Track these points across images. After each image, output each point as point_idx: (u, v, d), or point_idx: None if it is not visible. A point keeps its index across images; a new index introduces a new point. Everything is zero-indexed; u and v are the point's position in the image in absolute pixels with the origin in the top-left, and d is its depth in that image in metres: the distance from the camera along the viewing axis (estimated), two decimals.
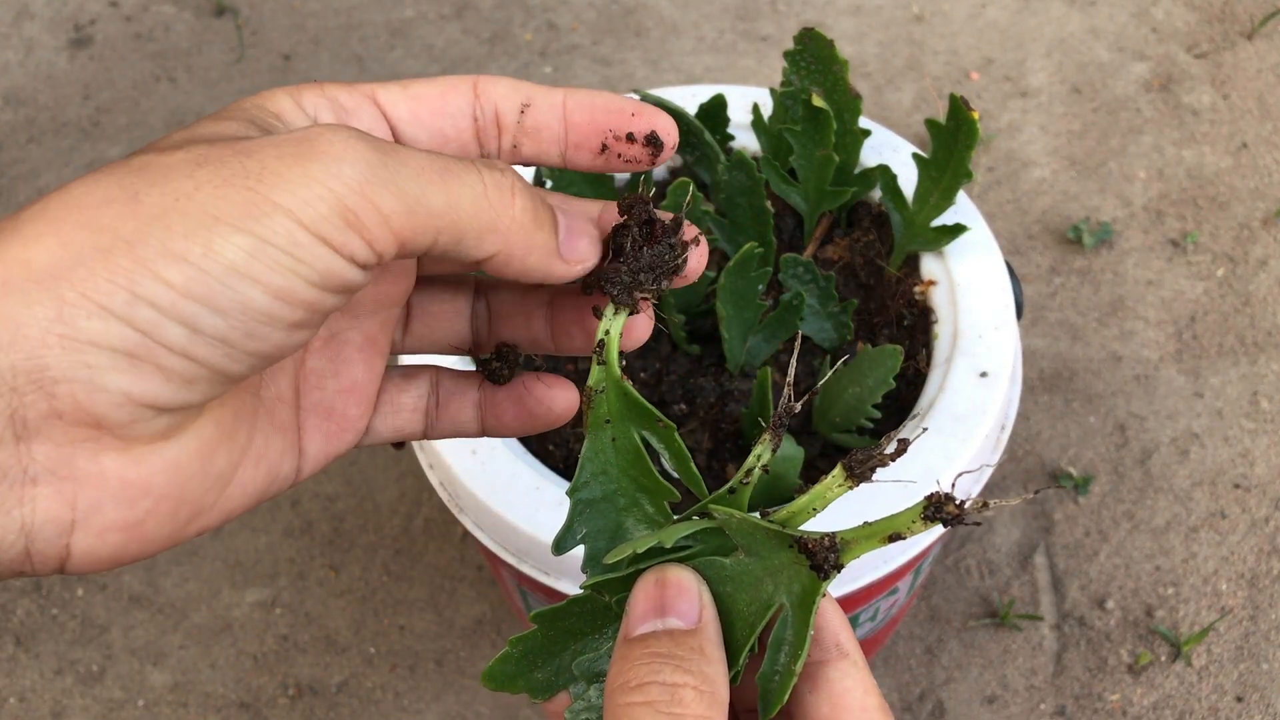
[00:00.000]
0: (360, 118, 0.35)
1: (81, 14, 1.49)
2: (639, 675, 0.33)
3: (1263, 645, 0.97)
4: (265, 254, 0.28)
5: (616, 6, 1.46)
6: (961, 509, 0.33)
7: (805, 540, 0.35)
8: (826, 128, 0.67)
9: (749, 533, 0.36)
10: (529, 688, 0.38)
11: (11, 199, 1.32)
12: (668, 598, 0.35)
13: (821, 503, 0.36)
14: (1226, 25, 1.38)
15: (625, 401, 0.38)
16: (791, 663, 0.35)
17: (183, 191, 0.28)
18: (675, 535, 0.36)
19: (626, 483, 0.39)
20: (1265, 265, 1.18)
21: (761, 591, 0.36)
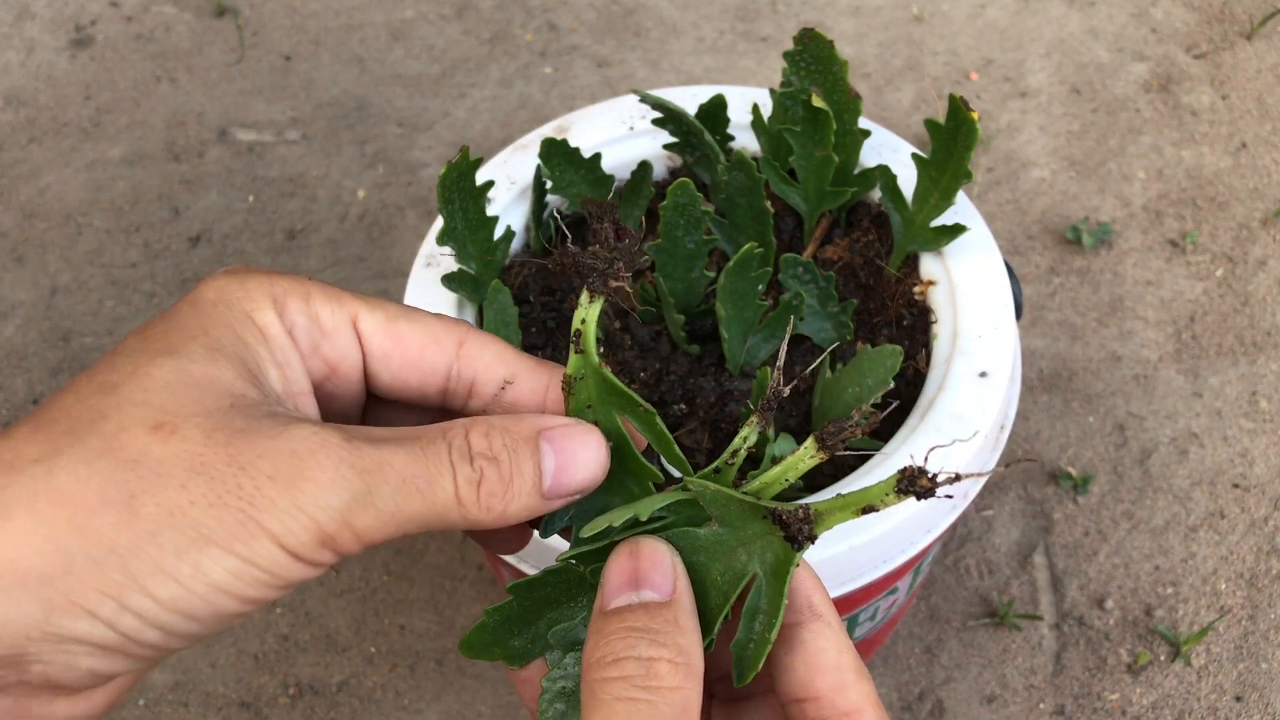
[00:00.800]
0: (336, 341, 0.37)
1: (82, 14, 1.50)
2: (614, 650, 0.34)
3: (1262, 645, 0.97)
4: (247, 574, 0.31)
5: (616, 7, 1.46)
6: (934, 482, 0.33)
7: (779, 511, 0.35)
8: (826, 128, 0.67)
9: (723, 503, 0.37)
10: (505, 655, 0.39)
11: (12, 199, 1.33)
12: (641, 570, 0.36)
13: (793, 473, 0.36)
14: (1225, 26, 1.38)
15: (605, 387, 0.38)
16: (766, 631, 0.35)
17: (178, 506, 0.30)
18: (651, 507, 0.36)
19: (615, 465, 0.39)
20: (1264, 265, 1.18)
21: (735, 561, 0.37)
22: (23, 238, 1.30)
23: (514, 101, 1.37)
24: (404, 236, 1.27)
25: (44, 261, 1.27)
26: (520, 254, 0.75)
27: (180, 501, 0.30)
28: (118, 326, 1.22)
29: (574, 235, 0.77)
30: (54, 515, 0.29)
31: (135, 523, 0.30)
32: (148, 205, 1.31)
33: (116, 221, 1.30)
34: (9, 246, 1.29)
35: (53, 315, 1.23)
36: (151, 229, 1.29)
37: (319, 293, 0.37)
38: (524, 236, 0.75)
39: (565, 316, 0.73)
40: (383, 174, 1.32)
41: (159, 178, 1.33)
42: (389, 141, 1.35)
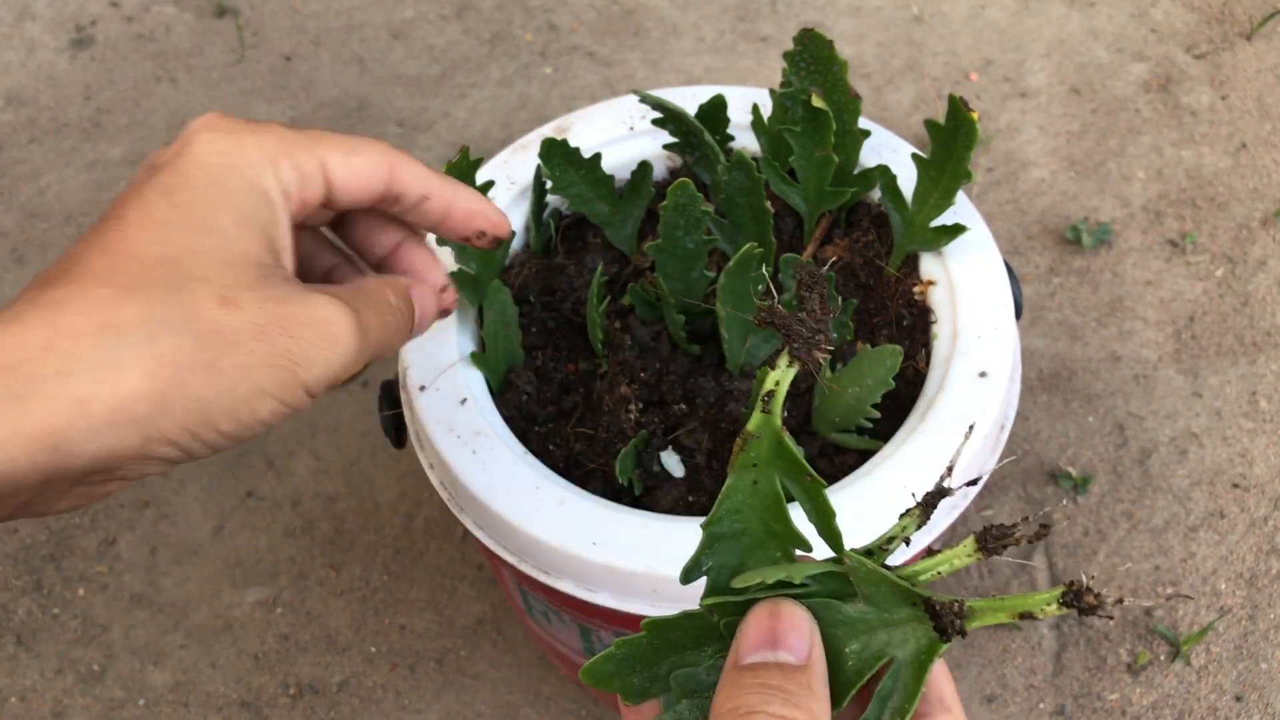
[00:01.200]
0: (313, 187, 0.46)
1: (83, 15, 1.50)
2: (749, 703, 0.35)
3: (1262, 645, 0.97)
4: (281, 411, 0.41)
5: (616, 7, 1.46)
6: (1098, 599, 0.33)
7: (933, 601, 0.36)
8: (826, 128, 0.67)
9: (874, 582, 0.37)
10: (623, 689, 0.39)
11: (13, 199, 1.33)
12: (780, 630, 0.36)
13: (948, 568, 0.37)
14: (1225, 26, 1.38)
15: (779, 450, 0.39)
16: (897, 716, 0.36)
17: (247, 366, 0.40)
18: (804, 572, 0.37)
19: (757, 525, 0.40)
20: (1264, 265, 1.18)
21: (875, 641, 0.37)
22: (23, 238, 1.30)
23: (514, 102, 1.38)
24: None
25: (45, 261, 1.27)
26: (520, 254, 0.76)
27: (249, 363, 0.40)
28: None
29: (572, 236, 0.77)
30: (159, 373, 0.38)
31: (218, 380, 0.39)
32: None
33: None
34: (9, 246, 1.29)
35: None
36: None
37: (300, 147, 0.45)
38: (524, 236, 0.75)
39: (565, 317, 0.73)
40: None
41: None
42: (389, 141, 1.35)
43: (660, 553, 0.60)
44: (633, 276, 0.75)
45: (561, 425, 0.69)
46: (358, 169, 0.47)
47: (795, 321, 0.37)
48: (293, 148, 0.45)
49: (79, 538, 1.09)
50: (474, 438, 0.64)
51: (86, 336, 0.37)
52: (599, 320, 0.67)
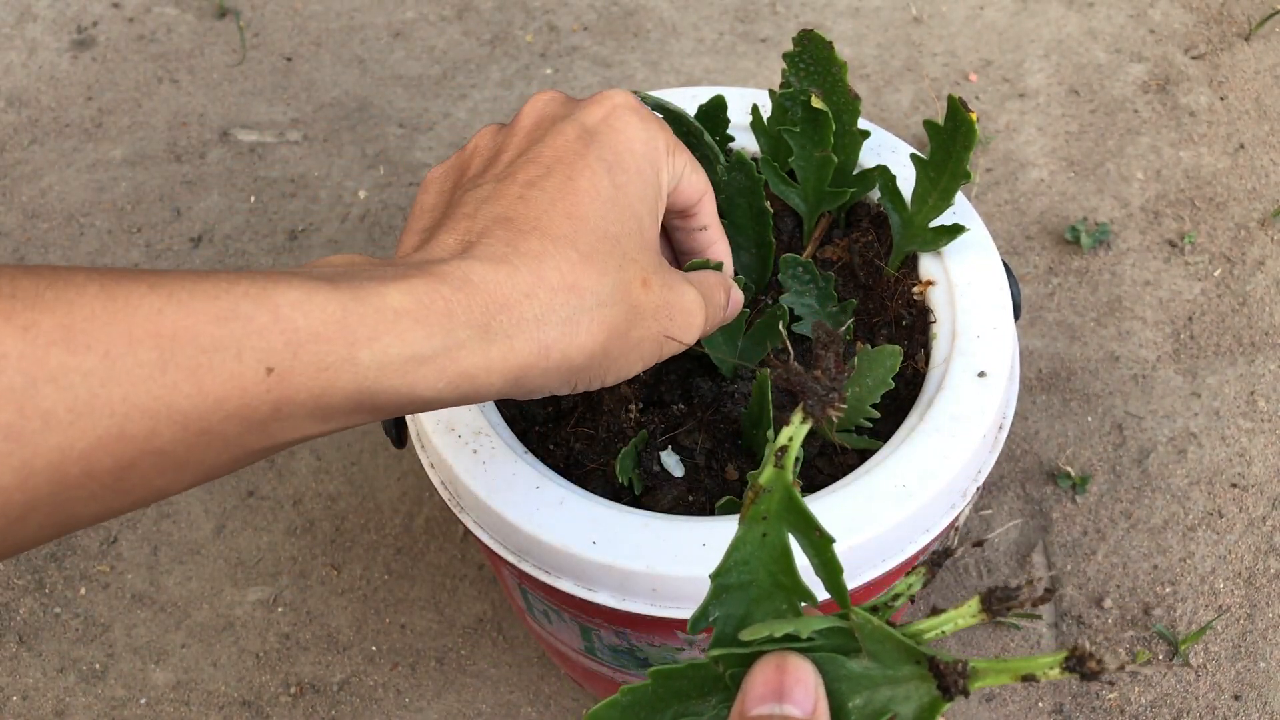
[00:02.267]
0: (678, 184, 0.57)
1: (84, 16, 1.50)
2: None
3: (1260, 644, 0.97)
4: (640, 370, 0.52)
5: (617, 8, 1.46)
6: (1101, 666, 0.34)
7: (938, 660, 0.36)
8: (825, 129, 0.67)
9: (879, 639, 0.37)
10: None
11: (14, 199, 1.33)
12: (786, 684, 0.37)
13: (952, 627, 0.37)
14: (1224, 26, 1.39)
15: (789, 505, 0.39)
16: None
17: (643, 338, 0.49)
18: (810, 627, 0.37)
19: (765, 577, 0.40)
20: (1262, 265, 1.18)
21: (878, 697, 0.37)
22: (25, 238, 1.30)
23: (515, 102, 1.38)
24: None
25: (46, 262, 1.28)
26: None
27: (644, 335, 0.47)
28: None
29: None
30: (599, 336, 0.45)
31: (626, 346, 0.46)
32: (149, 206, 1.32)
33: (118, 222, 1.30)
34: (11, 247, 1.29)
35: None
36: (153, 229, 1.30)
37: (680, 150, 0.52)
38: None
39: None
40: (384, 174, 1.33)
41: (160, 178, 1.34)
42: (390, 142, 1.35)
43: (660, 552, 0.60)
44: None
45: (561, 425, 0.70)
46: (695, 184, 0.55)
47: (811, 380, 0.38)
48: (677, 149, 0.52)
49: (80, 536, 1.09)
50: (474, 437, 0.65)
51: (560, 293, 0.43)
52: None
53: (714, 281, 0.55)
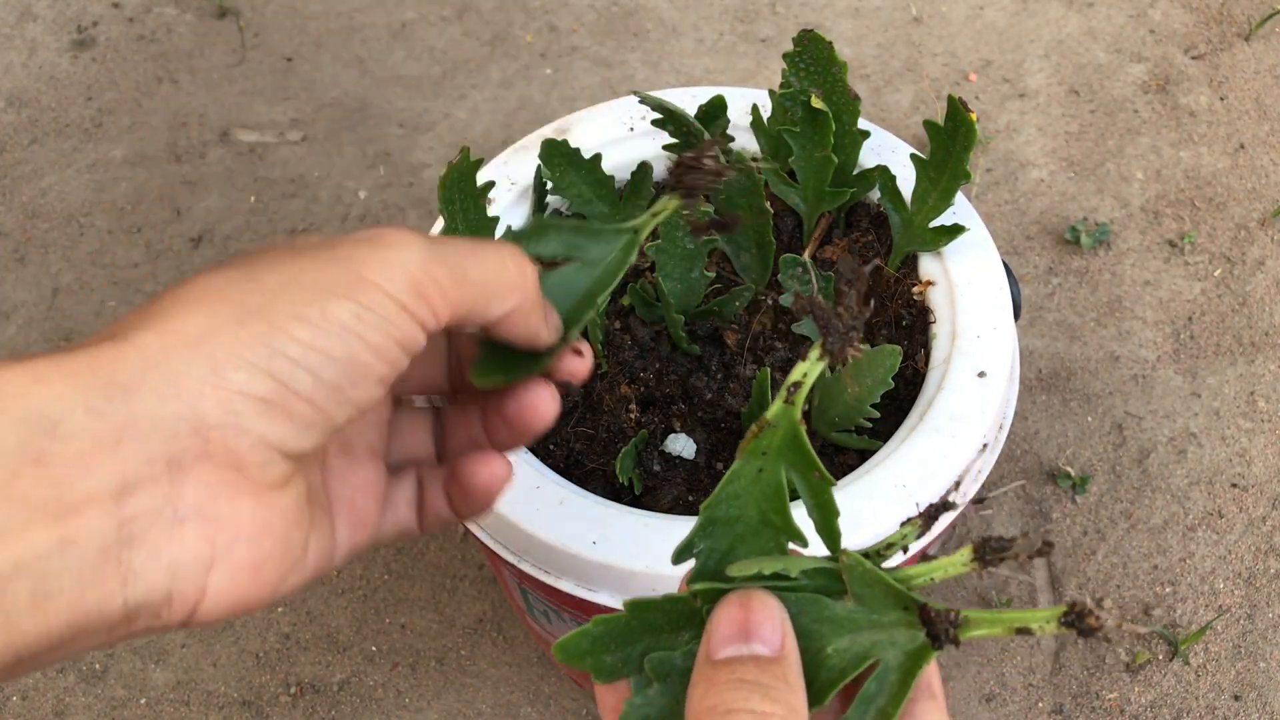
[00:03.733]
0: None
1: (84, 16, 1.50)
2: (727, 701, 0.34)
3: (1260, 644, 0.97)
4: (366, 317, 0.36)
5: (617, 8, 1.46)
6: (1100, 622, 0.33)
7: (928, 607, 0.35)
8: (825, 129, 0.67)
9: (868, 582, 0.37)
10: (595, 668, 0.39)
11: (15, 199, 1.33)
12: (752, 621, 0.36)
13: (942, 574, 0.36)
14: (1224, 27, 1.39)
15: (793, 443, 0.38)
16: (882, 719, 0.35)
17: (293, 272, 0.36)
18: (799, 567, 0.37)
19: (754, 513, 0.39)
20: (1262, 265, 1.18)
21: (861, 641, 0.37)
22: (25, 238, 1.30)
23: (514, 102, 1.38)
24: None
25: (46, 262, 1.28)
26: None
27: (294, 270, 0.36)
28: None
29: None
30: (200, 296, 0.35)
31: (263, 288, 0.35)
32: (149, 206, 1.32)
33: (118, 222, 1.30)
34: (11, 247, 1.29)
35: (54, 315, 1.24)
36: (153, 229, 1.30)
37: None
38: None
39: None
40: (384, 175, 1.32)
41: (161, 178, 1.34)
42: (390, 142, 1.35)
43: (660, 552, 0.60)
44: (633, 276, 0.75)
45: (561, 425, 0.70)
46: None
47: (833, 315, 0.37)
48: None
49: None
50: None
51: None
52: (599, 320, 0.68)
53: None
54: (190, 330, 0.34)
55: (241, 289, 0.35)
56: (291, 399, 0.35)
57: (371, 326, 0.36)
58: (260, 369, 0.34)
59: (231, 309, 0.34)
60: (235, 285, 0.35)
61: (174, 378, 0.33)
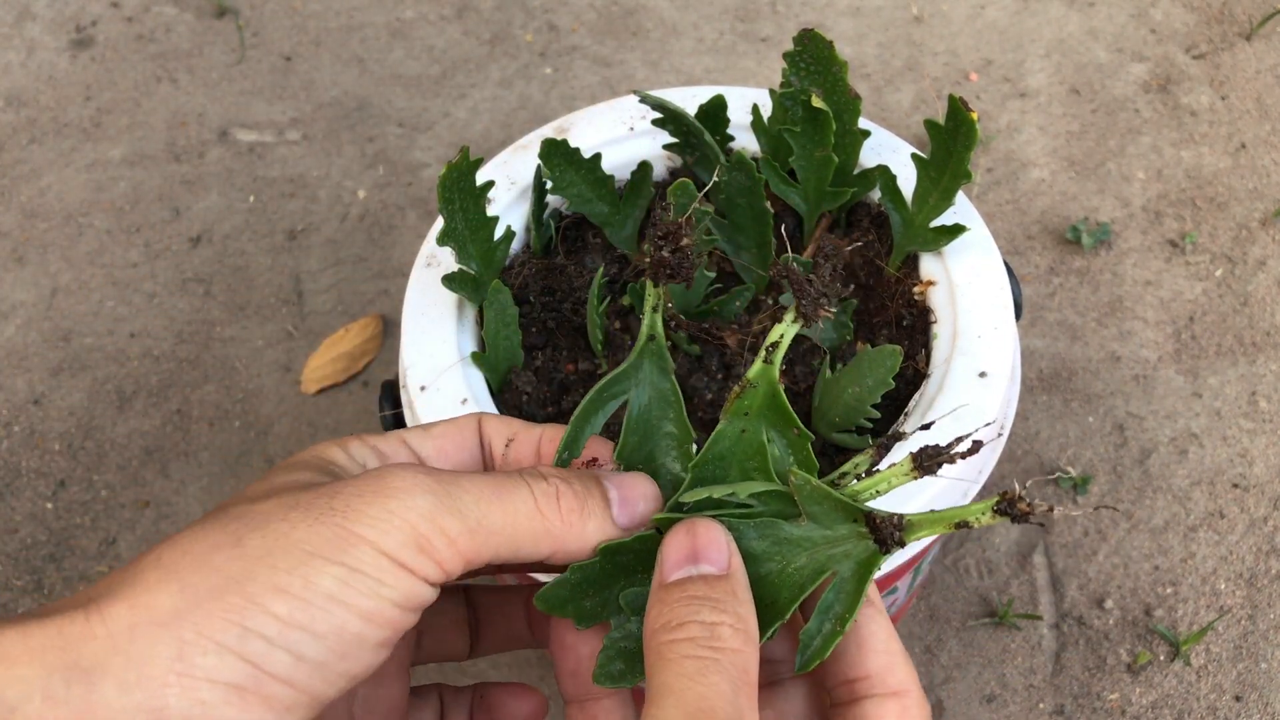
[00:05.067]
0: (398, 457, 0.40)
1: (83, 15, 1.50)
2: (678, 615, 0.36)
3: (1261, 645, 0.97)
4: (355, 581, 0.33)
5: (616, 8, 1.46)
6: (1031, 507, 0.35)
7: (874, 515, 0.37)
8: (826, 128, 0.67)
9: (818, 499, 0.38)
10: (576, 613, 0.40)
11: (14, 199, 1.33)
12: (699, 546, 0.38)
13: (886, 486, 0.38)
14: (1225, 26, 1.38)
15: (772, 402, 0.40)
16: (838, 625, 0.37)
17: (280, 532, 0.33)
18: (749, 489, 0.38)
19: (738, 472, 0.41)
20: (1264, 265, 1.18)
21: (817, 556, 0.38)
22: (23, 238, 1.30)
23: (514, 102, 1.38)
24: (404, 237, 1.27)
25: (45, 262, 1.28)
26: (520, 254, 0.76)
27: (282, 530, 0.33)
28: (118, 326, 1.22)
29: (572, 237, 0.77)
30: (178, 563, 0.32)
31: (245, 554, 0.32)
32: (148, 205, 1.31)
33: (117, 222, 1.30)
34: (10, 247, 1.29)
35: (53, 315, 1.23)
36: (152, 229, 1.29)
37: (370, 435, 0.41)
38: (524, 237, 0.76)
39: (564, 316, 0.73)
40: (383, 174, 1.32)
41: (159, 178, 1.34)
42: (389, 142, 1.35)
43: None
44: (633, 276, 0.75)
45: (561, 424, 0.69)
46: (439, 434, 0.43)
47: (806, 282, 0.39)
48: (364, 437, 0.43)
49: (79, 538, 1.09)
50: None
51: None
52: (599, 320, 0.68)
53: None
54: (162, 606, 0.31)
55: (223, 555, 0.32)
56: (267, 682, 0.32)
57: (361, 592, 0.33)
58: (231, 651, 0.31)
59: (208, 580, 0.32)
60: (218, 551, 0.33)
61: (139, 663, 0.31)
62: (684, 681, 0.34)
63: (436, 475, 0.35)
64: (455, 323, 0.69)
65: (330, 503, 0.34)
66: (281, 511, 0.34)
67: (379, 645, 0.34)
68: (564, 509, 0.37)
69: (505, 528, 0.36)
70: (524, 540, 0.36)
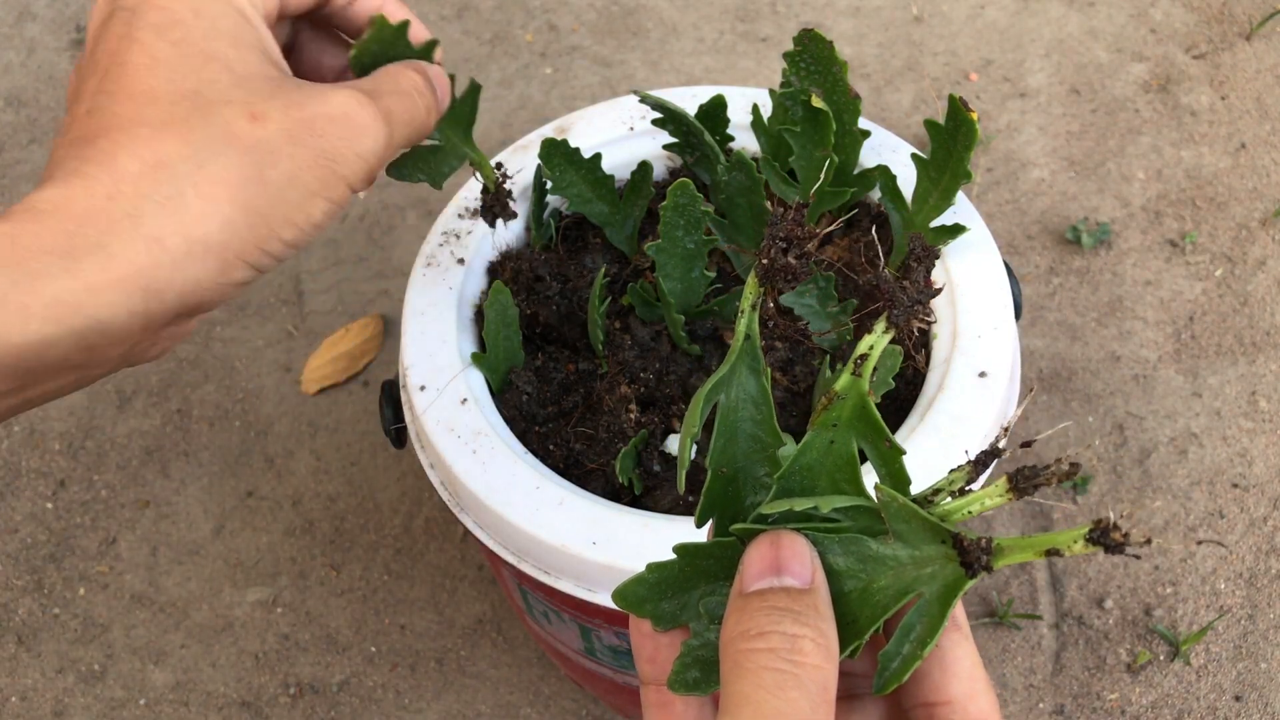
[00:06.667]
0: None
1: (83, 15, 1.50)
2: (759, 625, 0.35)
3: (1261, 644, 0.97)
4: (332, 210, 0.44)
5: (616, 8, 1.46)
6: (1126, 538, 0.34)
7: (962, 537, 0.36)
8: (826, 128, 0.67)
9: (906, 518, 0.37)
10: (654, 614, 0.39)
11: (13, 199, 1.33)
12: (782, 558, 0.37)
13: (979, 507, 0.37)
14: (1225, 26, 1.38)
15: (861, 414, 0.39)
16: (919, 648, 0.36)
17: (291, 172, 0.42)
18: (832, 504, 0.37)
19: (827, 484, 0.40)
20: (1263, 265, 1.18)
21: (903, 576, 0.37)
22: None
23: (514, 102, 1.38)
24: (404, 237, 1.27)
25: None
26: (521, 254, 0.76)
27: (291, 169, 0.42)
28: None
29: (572, 236, 0.77)
30: (217, 195, 0.40)
31: (268, 190, 0.41)
32: None
33: None
34: None
35: None
36: None
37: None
38: (524, 236, 0.76)
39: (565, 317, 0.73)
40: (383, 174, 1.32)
41: None
42: None
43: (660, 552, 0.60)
44: (633, 276, 0.75)
45: (561, 425, 0.69)
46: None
47: (899, 289, 0.38)
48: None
49: (79, 537, 1.09)
50: (474, 438, 0.65)
51: (145, 178, 0.40)
52: (599, 320, 0.68)
53: (394, 70, 0.50)
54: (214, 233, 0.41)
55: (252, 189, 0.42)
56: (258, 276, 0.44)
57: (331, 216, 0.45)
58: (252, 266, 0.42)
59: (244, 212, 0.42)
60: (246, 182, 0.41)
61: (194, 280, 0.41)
62: (762, 694, 0.33)
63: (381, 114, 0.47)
64: (455, 323, 0.69)
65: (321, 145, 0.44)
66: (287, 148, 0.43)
67: None
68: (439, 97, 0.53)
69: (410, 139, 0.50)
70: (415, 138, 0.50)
